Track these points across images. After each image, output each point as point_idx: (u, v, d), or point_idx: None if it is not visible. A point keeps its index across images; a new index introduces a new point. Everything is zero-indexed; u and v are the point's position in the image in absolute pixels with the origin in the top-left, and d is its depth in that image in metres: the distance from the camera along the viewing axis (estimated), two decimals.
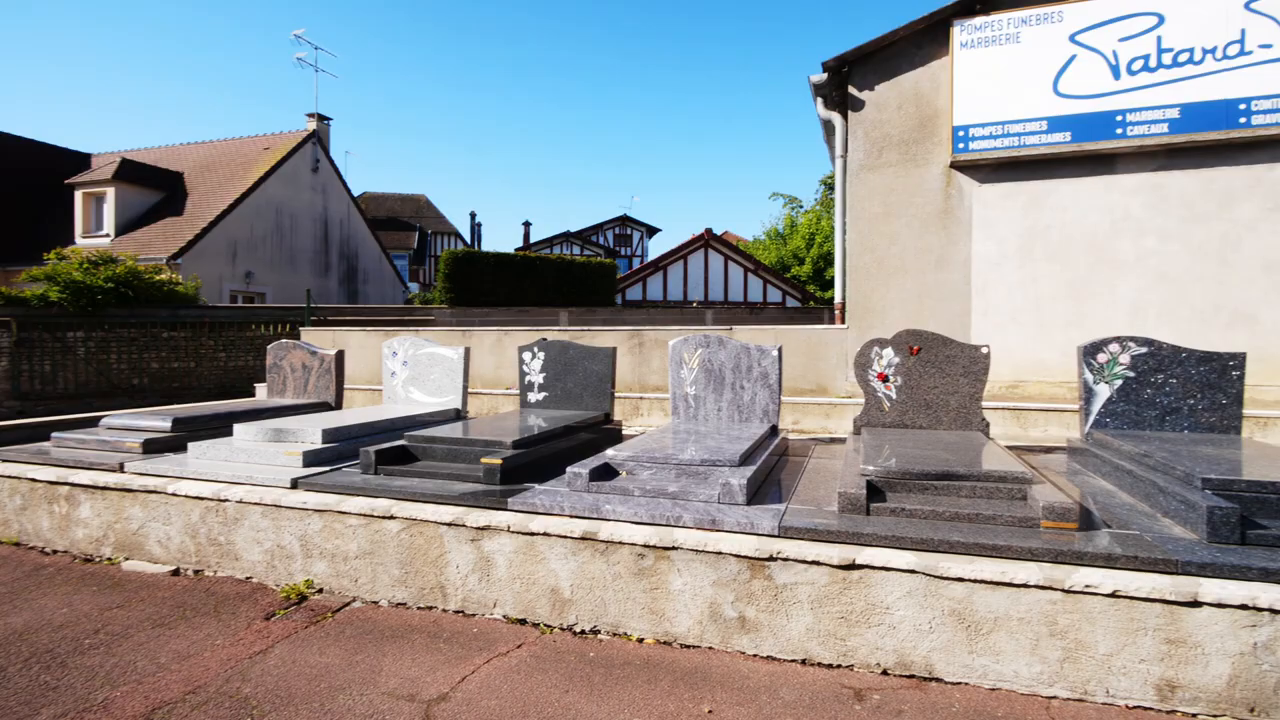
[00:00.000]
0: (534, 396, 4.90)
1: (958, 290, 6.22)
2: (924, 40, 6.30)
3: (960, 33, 6.09)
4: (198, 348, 11.84)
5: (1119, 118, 5.66)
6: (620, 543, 2.58)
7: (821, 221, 23.53)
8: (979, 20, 6.05)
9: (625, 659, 2.38)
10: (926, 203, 6.31)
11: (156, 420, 4.20)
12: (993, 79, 5.99)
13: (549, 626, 2.63)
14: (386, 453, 3.43)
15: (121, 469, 3.62)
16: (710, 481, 2.94)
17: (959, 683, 2.20)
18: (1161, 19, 5.57)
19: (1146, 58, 5.60)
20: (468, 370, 4.99)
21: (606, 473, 3.11)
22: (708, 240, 21.36)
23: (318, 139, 21.06)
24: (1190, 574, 2.12)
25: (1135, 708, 2.06)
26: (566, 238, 32.71)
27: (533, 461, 3.47)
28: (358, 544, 2.96)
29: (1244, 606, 1.98)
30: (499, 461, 3.15)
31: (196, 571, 3.27)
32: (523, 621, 2.68)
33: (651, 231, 37.01)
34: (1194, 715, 2.02)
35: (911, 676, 2.25)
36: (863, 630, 2.31)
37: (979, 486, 2.71)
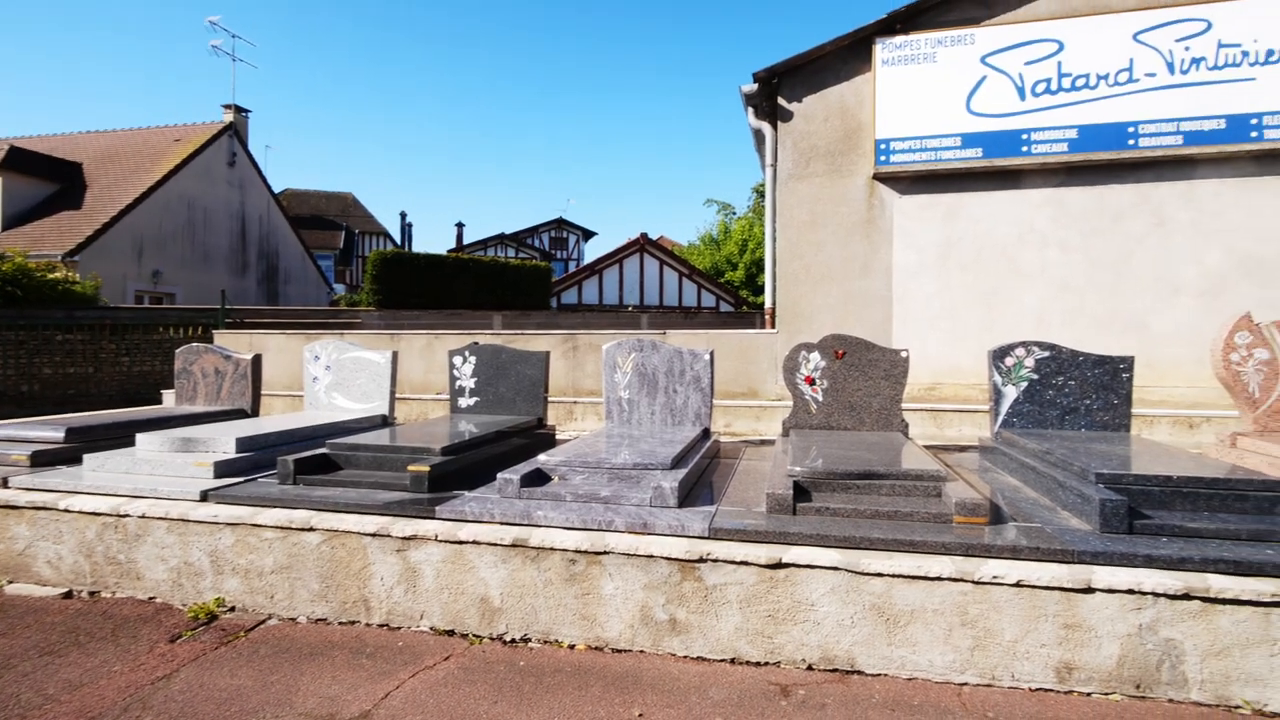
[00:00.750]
0: (465, 401, 4.80)
1: (880, 297, 6.49)
2: (849, 56, 6.55)
3: (882, 50, 6.37)
4: (97, 352, 10.99)
5: (1025, 136, 6.05)
6: (552, 549, 2.55)
7: (754, 228, 24.07)
8: (899, 39, 6.34)
9: (556, 666, 2.36)
10: (851, 212, 6.56)
11: (46, 430, 3.87)
12: (912, 95, 6.29)
13: (478, 637, 2.58)
14: (306, 461, 3.28)
15: (5, 484, 3.32)
16: (642, 485, 2.96)
17: (879, 674, 2.29)
18: (1062, 45, 5.99)
19: (1049, 81, 6.01)
20: (395, 375, 4.84)
21: (538, 478, 3.08)
22: (643, 245, 21.50)
23: (235, 131, 19.99)
24: (1085, 562, 2.28)
25: (1037, 689, 2.20)
26: (501, 240, 32.23)
27: (463, 468, 3.40)
28: (274, 558, 2.82)
29: (1130, 591, 2.15)
30: (427, 469, 3.07)
31: (92, 593, 3.04)
32: (451, 633, 2.61)
33: (588, 235, 36.94)
34: (1089, 694, 2.17)
35: (835, 670, 2.32)
36: (789, 627, 2.37)
37: (898, 485, 2.83)
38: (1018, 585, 2.21)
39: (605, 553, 2.50)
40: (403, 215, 35.55)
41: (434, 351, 7.65)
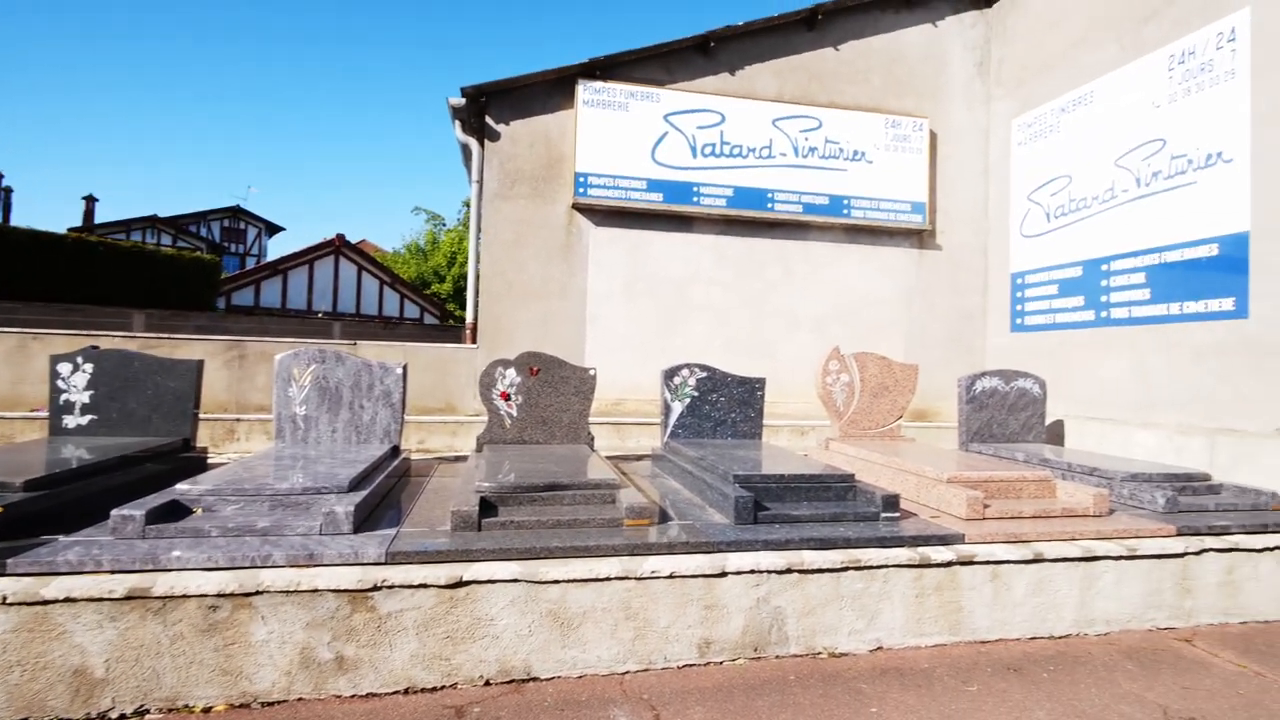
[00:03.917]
0: (75, 420, 3.81)
1: (576, 318, 6.91)
2: (554, 90, 6.91)
3: (584, 91, 6.87)
4: None
5: (696, 188, 7.06)
6: (185, 596, 2.15)
7: (463, 241, 23.71)
8: (598, 84, 6.90)
9: None
10: (552, 236, 6.89)
11: None
12: (608, 137, 6.89)
13: None
14: None
15: None
16: (313, 512, 2.67)
17: (553, 677, 2.40)
18: (723, 118, 7.16)
19: (714, 145, 7.13)
20: None
21: (173, 512, 2.58)
22: (340, 246, 19.65)
23: None
24: (722, 551, 2.71)
25: (684, 666, 2.53)
26: (154, 223, 26.38)
27: (66, 504, 2.68)
28: None
29: (752, 571, 2.61)
30: None
31: None
32: None
33: (272, 230, 32.33)
34: (721, 663, 2.57)
35: (512, 681, 2.37)
36: (468, 645, 2.35)
37: (578, 494, 3.02)
38: (671, 577, 2.53)
39: (258, 593, 2.19)
40: None
41: (31, 356, 5.92)
